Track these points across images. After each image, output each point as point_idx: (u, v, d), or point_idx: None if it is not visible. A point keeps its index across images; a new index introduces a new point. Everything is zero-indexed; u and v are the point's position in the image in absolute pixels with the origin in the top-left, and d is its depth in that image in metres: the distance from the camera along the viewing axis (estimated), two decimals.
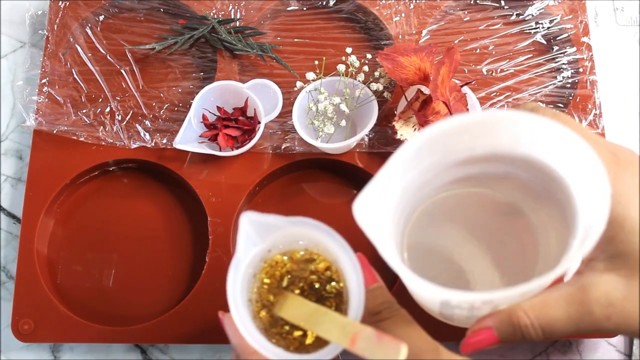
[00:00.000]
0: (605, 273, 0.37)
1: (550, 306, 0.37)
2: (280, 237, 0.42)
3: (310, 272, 0.42)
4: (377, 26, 0.66)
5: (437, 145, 0.38)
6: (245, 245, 0.40)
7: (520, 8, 0.66)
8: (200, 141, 0.60)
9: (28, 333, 0.56)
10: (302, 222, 0.40)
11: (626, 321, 0.36)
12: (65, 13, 0.65)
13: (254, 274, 0.42)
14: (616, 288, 0.36)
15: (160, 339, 0.57)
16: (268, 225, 0.40)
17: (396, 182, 0.38)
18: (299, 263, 0.42)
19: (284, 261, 0.42)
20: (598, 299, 0.36)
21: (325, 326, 0.38)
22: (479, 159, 0.40)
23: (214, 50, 0.65)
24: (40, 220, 0.59)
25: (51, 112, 0.63)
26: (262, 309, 0.41)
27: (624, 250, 0.36)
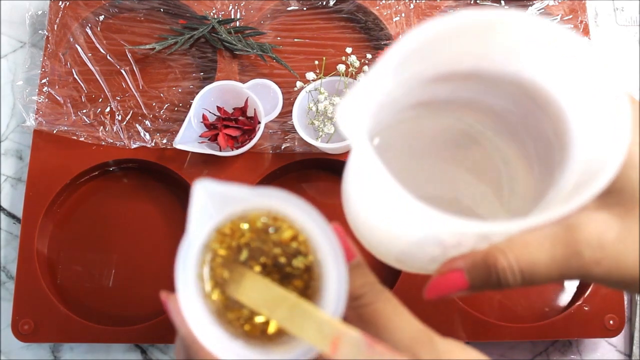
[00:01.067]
0: (597, 211, 0.32)
1: (533, 247, 0.32)
2: (240, 211, 0.34)
3: (274, 244, 0.34)
4: (377, 26, 0.66)
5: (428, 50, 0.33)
6: (199, 218, 0.33)
7: (520, 8, 0.66)
8: (200, 141, 0.60)
9: (28, 333, 0.56)
10: (268, 193, 0.33)
11: (618, 266, 0.31)
12: (65, 13, 0.65)
13: (205, 244, 0.34)
14: (609, 228, 0.31)
15: (160, 339, 0.57)
16: (227, 196, 0.33)
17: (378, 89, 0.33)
18: (260, 233, 0.34)
19: (242, 229, 0.34)
20: (588, 240, 0.31)
21: (296, 321, 0.31)
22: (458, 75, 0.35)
23: (214, 50, 0.65)
24: (40, 220, 0.59)
25: (51, 112, 0.63)
26: (214, 288, 0.34)
27: (619, 186, 0.31)
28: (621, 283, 0.32)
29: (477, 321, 0.56)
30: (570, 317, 0.56)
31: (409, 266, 0.38)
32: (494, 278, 0.32)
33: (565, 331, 0.57)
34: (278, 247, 0.34)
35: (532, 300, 0.59)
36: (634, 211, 0.31)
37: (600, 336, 0.57)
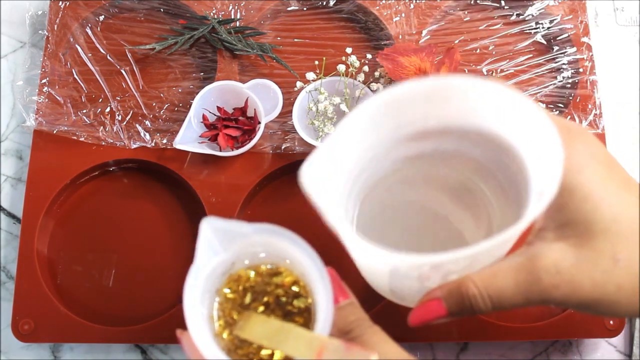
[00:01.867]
0: (555, 242, 0.36)
1: (499, 276, 0.36)
2: (244, 247, 0.39)
3: (276, 286, 0.40)
4: (377, 26, 0.66)
5: (390, 113, 0.37)
6: (205, 253, 0.37)
7: (520, 8, 0.66)
8: (200, 141, 0.60)
9: (28, 333, 0.56)
10: (269, 229, 0.37)
11: (574, 290, 0.35)
12: (65, 13, 0.65)
13: (216, 289, 0.40)
14: (565, 256, 0.35)
15: (160, 339, 0.57)
16: (231, 232, 0.37)
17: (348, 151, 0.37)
18: (264, 276, 0.40)
19: (248, 275, 0.40)
20: (546, 267, 0.35)
21: (291, 343, 0.36)
22: (432, 132, 0.39)
23: (214, 51, 0.65)
24: (40, 220, 0.59)
25: (51, 112, 0.63)
26: (225, 328, 0.39)
27: (573, 218, 0.35)
28: (581, 305, 0.36)
29: (477, 321, 0.56)
30: (570, 317, 0.56)
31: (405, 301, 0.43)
32: (467, 304, 0.36)
33: (565, 331, 0.57)
34: (280, 288, 0.40)
35: None
36: (588, 241, 0.35)
37: (600, 336, 0.57)
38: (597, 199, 0.35)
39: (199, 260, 0.37)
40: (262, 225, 0.37)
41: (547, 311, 0.58)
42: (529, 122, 0.35)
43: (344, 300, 0.40)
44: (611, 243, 0.35)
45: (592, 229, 0.35)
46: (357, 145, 0.38)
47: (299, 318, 0.39)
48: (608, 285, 0.35)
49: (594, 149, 0.37)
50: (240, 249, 0.39)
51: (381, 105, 0.35)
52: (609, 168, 0.36)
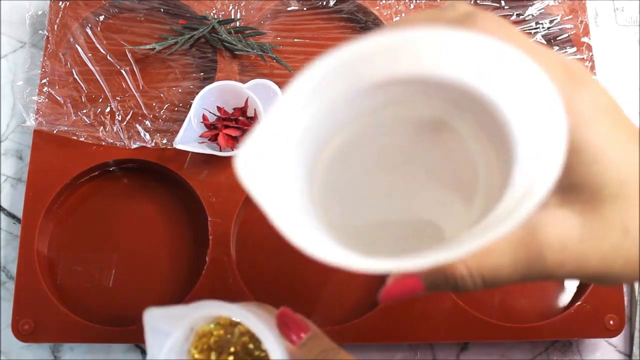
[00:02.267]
0: (559, 208, 0.31)
1: (495, 252, 0.31)
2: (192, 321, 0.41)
3: (241, 334, 0.41)
4: (377, 26, 0.66)
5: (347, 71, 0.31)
6: (154, 341, 0.40)
7: (520, 8, 0.66)
8: (200, 141, 0.60)
9: (28, 333, 0.56)
10: (205, 305, 0.39)
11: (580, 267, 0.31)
12: (65, 13, 0.65)
13: (187, 349, 0.41)
14: (571, 228, 0.31)
15: None
16: (173, 316, 0.39)
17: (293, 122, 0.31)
18: (227, 327, 0.41)
19: (211, 329, 0.42)
20: (550, 242, 0.31)
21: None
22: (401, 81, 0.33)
23: (214, 51, 0.65)
24: (40, 220, 0.59)
25: (51, 112, 0.63)
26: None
27: (579, 181, 0.31)
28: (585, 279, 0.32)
29: (477, 321, 0.56)
30: (570, 317, 0.56)
31: None
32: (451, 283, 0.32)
33: (565, 331, 0.57)
34: (245, 336, 0.41)
35: (532, 300, 0.59)
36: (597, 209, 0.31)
37: (600, 336, 0.57)
38: (606, 159, 0.30)
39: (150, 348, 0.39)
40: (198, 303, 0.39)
41: (547, 311, 0.58)
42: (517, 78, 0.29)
43: (306, 335, 0.39)
44: (620, 211, 0.30)
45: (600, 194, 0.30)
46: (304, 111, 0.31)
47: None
48: (617, 260, 0.31)
49: (600, 97, 0.31)
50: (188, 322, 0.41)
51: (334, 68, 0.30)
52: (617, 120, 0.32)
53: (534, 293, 0.59)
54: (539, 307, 0.59)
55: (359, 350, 0.59)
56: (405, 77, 0.32)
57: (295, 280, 0.59)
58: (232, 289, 0.57)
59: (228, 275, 0.57)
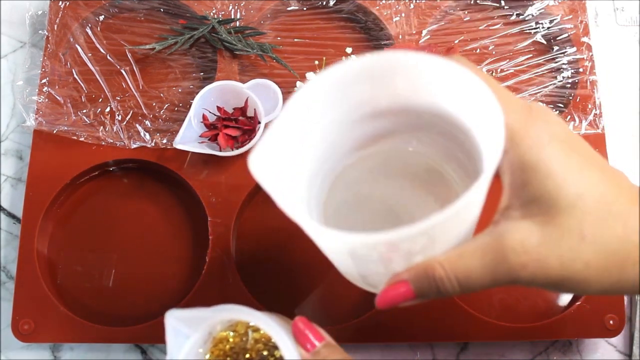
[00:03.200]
0: (521, 220, 0.35)
1: (466, 256, 0.35)
2: (212, 324, 0.42)
3: (256, 341, 0.42)
4: (377, 26, 0.66)
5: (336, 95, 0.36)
6: (175, 341, 0.40)
7: (520, 8, 0.66)
8: (200, 141, 0.60)
9: (28, 333, 0.56)
10: (227, 309, 0.40)
11: (541, 269, 0.34)
12: (65, 13, 0.65)
13: (204, 353, 0.43)
14: (531, 235, 0.35)
15: (160, 339, 0.57)
16: (194, 318, 0.40)
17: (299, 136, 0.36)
18: (243, 336, 0.42)
19: (228, 336, 0.42)
20: (513, 246, 0.35)
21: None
22: (384, 112, 0.39)
23: (214, 50, 0.65)
24: (40, 220, 0.59)
25: (51, 112, 0.63)
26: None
27: (538, 195, 0.35)
28: (550, 284, 0.35)
29: (477, 321, 0.56)
30: (570, 317, 0.56)
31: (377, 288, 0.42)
32: (434, 287, 0.36)
33: (565, 331, 0.57)
34: (260, 343, 0.42)
35: (532, 300, 0.59)
36: (555, 217, 0.34)
37: (600, 336, 0.57)
38: (560, 175, 0.34)
39: (170, 349, 0.40)
40: (220, 307, 0.40)
41: (547, 311, 0.58)
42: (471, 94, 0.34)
43: (320, 344, 0.41)
44: (577, 219, 0.34)
45: (557, 205, 0.34)
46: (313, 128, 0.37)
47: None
48: (576, 263, 0.34)
49: (556, 127, 0.36)
50: (207, 327, 0.42)
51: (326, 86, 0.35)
52: (571, 145, 0.36)
53: (534, 293, 0.59)
54: (539, 307, 0.59)
55: (359, 350, 0.59)
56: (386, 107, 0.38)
57: (295, 280, 0.59)
58: (232, 289, 0.57)
59: (228, 275, 0.57)
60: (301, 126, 0.36)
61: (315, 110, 0.36)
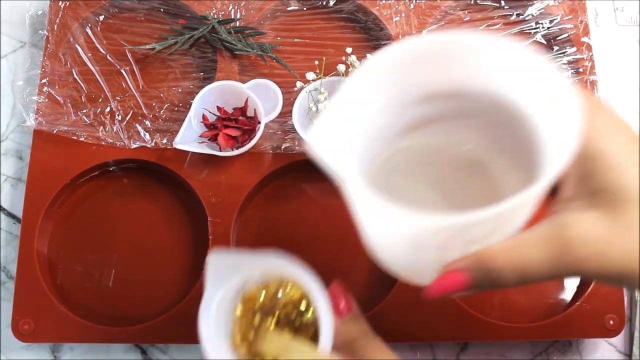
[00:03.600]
0: (585, 211, 0.34)
1: (526, 246, 0.34)
2: (250, 271, 0.42)
3: (285, 303, 0.43)
4: (377, 26, 0.66)
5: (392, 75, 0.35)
6: (214, 282, 0.41)
7: (520, 8, 0.66)
8: (200, 141, 0.60)
9: (28, 333, 0.56)
10: (269, 258, 0.40)
11: (605, 262, 0.33)
12: (65, 13, 0.65)
13: (232, 308, 0.43)
14: (597, 226, 0.33)
15: (160, 339, 0.57)
16: (235, 263, 0.41)
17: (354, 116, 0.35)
18: (273, 295, 0.43)
19: (258, 295, 0.43)
20: (578, 237, 0.33)
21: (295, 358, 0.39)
22: (437, 95, 0.37)
23: (214, 50, 0.65)
24: (40, 220, 0.59)
25: (51, 112, 0.63)
26: (241, 344, 0.42)
27: (601, 187, 0.34)
28: (612, 278, 0.34)
29: (477, 321, 0.56)
30: (570, 317, 0.56)
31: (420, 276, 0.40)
32: (492, 277, 0.34)
33: (565, 331, 0.57)
34: (289, 305, 0.42)
35: (532, 300, 0.59)
36: (620, 210, 0.33)
37: (600, 336, 0.57)
38: (623, 167, 0.33)
39: (209, 290, 0.40)
40: (263, 255, 0.40)
41: (547, 311, 0.58)
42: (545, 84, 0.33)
43: (349, 314, 0.42)
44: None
45: (623, 198, 0.33)
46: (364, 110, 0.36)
47: (309, 331, 0.42)
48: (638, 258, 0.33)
49: (616, 120, 0.35)
50: (245, 273, 0.42)
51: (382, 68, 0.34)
52: (629, 136, 0.35)
53: (534, 293, 0.59)
54: (539, 307, 0.59)
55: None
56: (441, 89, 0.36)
57: None
58: None
59: None
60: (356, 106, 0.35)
61: (371, 90, 0.35)
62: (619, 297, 0.57)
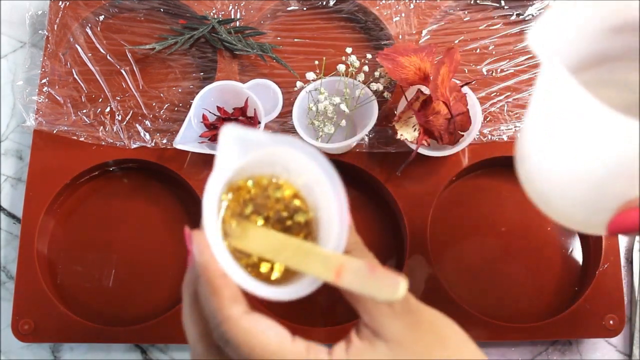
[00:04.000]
0: None
1: None
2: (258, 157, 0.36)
3: (276, 200, 0.37)
4: (377, 26, 0.66)
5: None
6: (227, 156, 0.35)
7: (520, 8, 0.66)
8: (200, 141, 0.60)
9: (28, 333, 0.56)
10: (287, 141, 0.35)
11: None
12: (65, 13, 0.65)
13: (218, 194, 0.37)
14: None
15: (160, 339, 0.57)
16: (250, 141, 0.35)
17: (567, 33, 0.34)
18: (263, 189, 0.38)
19: (248, 186, 0.38)
20: None
21: (300, 259, 0.34)
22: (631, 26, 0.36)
23: (214, 50, 0.65)
24: (40, 220, 0.59)
25: (51, 112, 0.63)
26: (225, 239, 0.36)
27: None
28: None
29: (477, 321, 0.56)
30: (570, 317, 0.56)
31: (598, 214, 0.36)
32: None
33: (565, 331, 0.57)
34: (280, 203, 0.37)
35: (532, 300, 0.59)
36: None
37: (600, 336, 0.57)
38: None
39: (222, 161, 0.35)
40: (281, 137, 0.35)
41: (547, 311, 0.58)
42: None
43: None
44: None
45: None
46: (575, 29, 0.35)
47: (299, 233, 0.37)
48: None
49: None
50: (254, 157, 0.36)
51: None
52: None
53: (534, 293, 0.59)
54: (539, 307, 0.59)
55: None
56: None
57: None
58: None
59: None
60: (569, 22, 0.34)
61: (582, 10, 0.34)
62: (619, 297, 0.57)
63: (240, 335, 0.32)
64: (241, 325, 0.32)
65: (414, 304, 0.35)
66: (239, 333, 0.32)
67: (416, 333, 0.34)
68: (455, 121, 0.56)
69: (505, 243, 0.61)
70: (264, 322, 0.33)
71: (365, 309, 0.34)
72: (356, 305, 0.34)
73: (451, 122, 0.56)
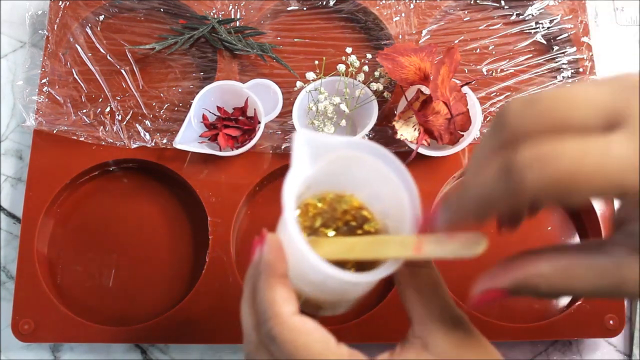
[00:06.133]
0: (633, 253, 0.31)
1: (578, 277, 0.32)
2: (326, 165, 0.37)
3: (344, 212, 0.39)
4: (377, 26, 0.66)
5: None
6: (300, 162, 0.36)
7: (520, 8, 0.66)
8: (200, 141, 0.60)
9: (28, 333, 0.56)
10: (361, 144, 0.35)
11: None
12: (65, 13, 0.65)
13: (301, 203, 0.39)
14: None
15: (160, 339, 0.57)
16: (322, 145, 0.36)
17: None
18: (330, 204, 0.39)
19: (315, 203, 0.39)
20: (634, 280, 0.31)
21: (376, 249, 0.35)
22: None
23: (214, 50, 0.65)
24: (40, 220, 0.59)
25: (51, 112, 0.63)
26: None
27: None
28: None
29: (477, 321, 0.56)
30: (570, 317, 0.56)
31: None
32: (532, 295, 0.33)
33: (565, 331, 0.57)
34: (348, 214, 0.39)
35: (532, 300, 0.59)
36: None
37: (600, 336, 0.57)
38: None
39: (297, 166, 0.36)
40: (354, 140, 0.36)
41: (547, 311, 0.58)
42: None
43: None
44: None
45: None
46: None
47: None
48: None
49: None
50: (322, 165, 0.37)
51: None
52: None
53: None
54: (539, 307, 0.59)
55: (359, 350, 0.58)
56: None
57: None
58: (231, 288, 0.57)
59: (228, 275, 0.57)
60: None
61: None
62: None
63: (286, 333, 0.33)
64: (289, 323, 0.33)
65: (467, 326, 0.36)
66: (285, 330, 0.33)
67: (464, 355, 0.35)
68: (455, 121, 0.56)
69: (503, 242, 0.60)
70: (310, 324, 0.34)
71: (420, 319, 0.35)
72: (412, 312, 0.35)
73: (451, 122, 0.56)
